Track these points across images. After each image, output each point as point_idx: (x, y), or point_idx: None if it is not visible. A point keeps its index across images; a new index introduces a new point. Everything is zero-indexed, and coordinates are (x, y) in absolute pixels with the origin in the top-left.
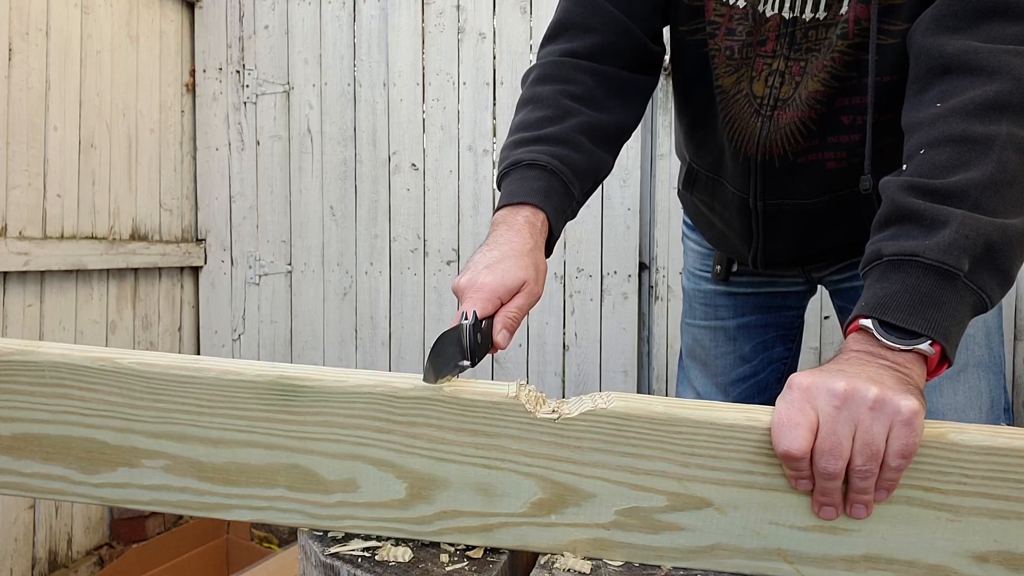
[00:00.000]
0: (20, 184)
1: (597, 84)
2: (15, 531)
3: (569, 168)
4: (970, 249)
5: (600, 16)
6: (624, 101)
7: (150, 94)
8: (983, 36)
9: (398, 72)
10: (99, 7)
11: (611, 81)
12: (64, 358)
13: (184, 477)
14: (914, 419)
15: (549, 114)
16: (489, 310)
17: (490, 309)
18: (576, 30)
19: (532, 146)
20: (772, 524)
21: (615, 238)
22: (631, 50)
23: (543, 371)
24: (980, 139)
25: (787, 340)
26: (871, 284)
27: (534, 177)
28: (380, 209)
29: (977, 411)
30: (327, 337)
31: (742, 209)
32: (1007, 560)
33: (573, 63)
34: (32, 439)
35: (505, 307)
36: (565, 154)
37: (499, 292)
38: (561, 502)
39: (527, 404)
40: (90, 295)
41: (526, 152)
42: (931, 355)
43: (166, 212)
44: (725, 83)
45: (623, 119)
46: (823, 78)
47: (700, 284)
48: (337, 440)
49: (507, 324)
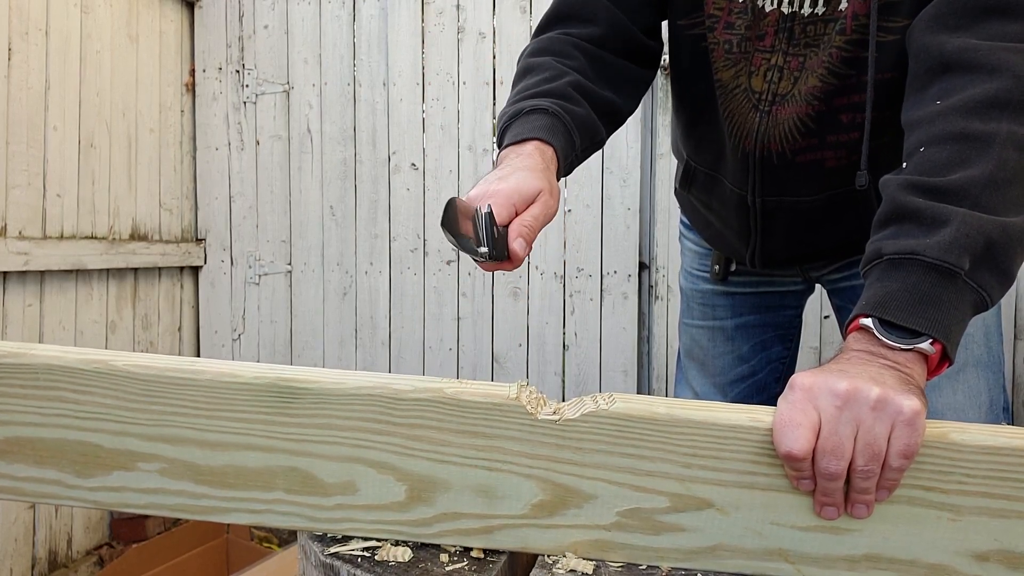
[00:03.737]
0: (20, 184)
1: (591, 63)
2: (15, 531)
3: (570, 116)
4: (970, 247)
5: (593, 8)
6: (616, 85)
7: (150, 94)
8: (983, 34)
9: (398, 72)
10: (99, 7)
11: (604, 64)
12: (58, 360)
13: (181, 480)
14: (916, 419)
15: (547, 76)
16: (504, 216)
17: (504, 216)
18: (570, 20)
19: (532, 99)
20: (773, 524)
21: (615, 238)
22: (624, 42)
23: (543, 371)
24: (980, 137)
25: (785, 340)
26: (871, 283)
27: (537, 119)
28: (380, 209)
29: (976, 410)
30: (327, 337)
31: (740, 206)
32: (1008, 559)
33: (568, 39)
34: (25, 443)
35: (521, 216)
36: (566, 105)
37: (513, 198)
38: (562, 504)
39: (528, 405)
40: (90, 295)
41: (527, 103)
42: (932, 354)
43: (166, 212)
44: (724, 77)
45: (614, 99)
46: (821, 74)
47: (698, 284)
48: (336, 442)
49: (523, 233)
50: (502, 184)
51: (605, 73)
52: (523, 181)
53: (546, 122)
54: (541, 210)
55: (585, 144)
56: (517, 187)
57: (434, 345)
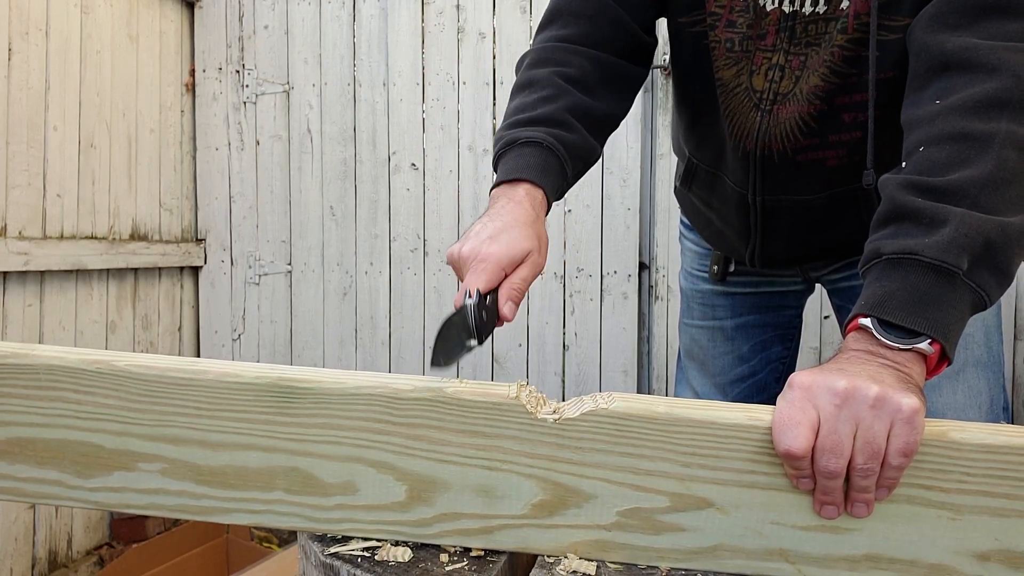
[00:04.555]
0: (20, 184)
1: (592, 68)
2: (15, 531)
3: (564, 147)
4: (969, 247)
5: (593, 4)
6: (615, 88)
7: (150, 94)
8: (983, 33)
9: (398, 72)
10: (99, 7)
11: (604, 67)
12: (59, 361)
13: (181, 481)
14: (915, 417)
15: (545, 95)
16: (493, 282)
17: (494, 281)
18: (569, 17)
19: (528, 127)
20: (774, 524)
21: (615, 238)
22: (623, 38)
23: (543, 371)
24: (979, 136)
25: (785, 340)
26: (870, 283)
27: (531, 154)
28: (380, 209)
29: (976, 410)
30: (327, 337)
31: (740, 205)
32: (1008, 559)
33: (567, 47)
34: (26, 443)
35: (509, 279)
36: (560, 134)
37: (503, 263)
38: (562, 503)
39: (528, 405)
40: (90, 295)
41: (522, 131)
42: (930, 354)
43: (166, 212)
44: (725, 76)
45: (613, 107)
46: (823, 73)
47: (697, 284)
48: (336, 442)
49: (512, 296)
50: (493, 247)
51: (605, 76)
52: (513, 243)
53: (539, 160)
54: (530, 271)
55: (578, 170)
56: (507, 251)
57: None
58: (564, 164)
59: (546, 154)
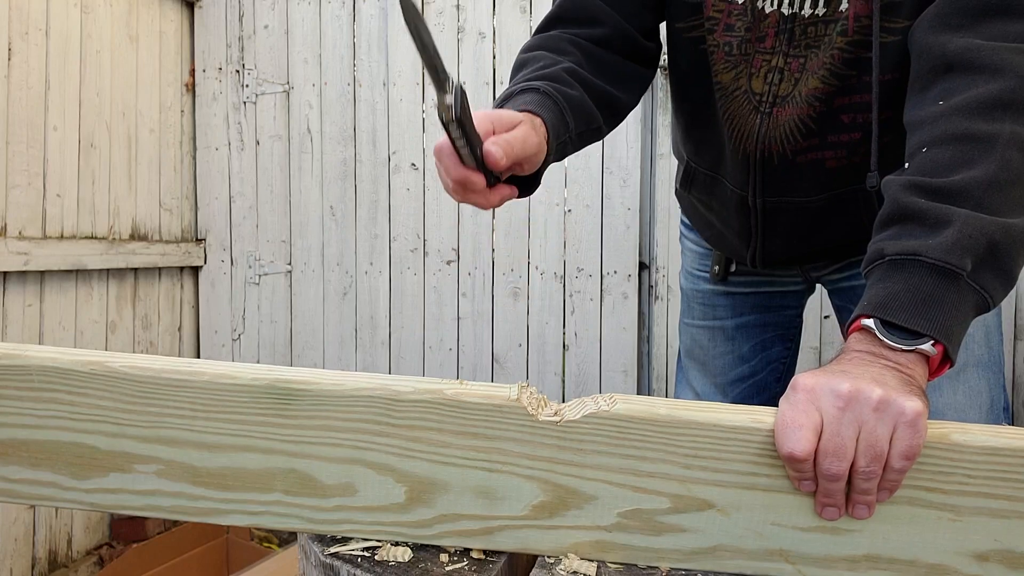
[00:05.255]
0: (20, 184)
1: (587, 59)
2: (15, 531)
3: (562, 96)
4: (973, 249)
5: (592, 10)
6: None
7: (150, 94)
8: (986, 34)
9: (398, 72)
10: (99, 7)
11: (601, 60)
12: (53, 362)
13: (178, 482)
14: (918, 420)
15: (541, 65)
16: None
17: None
18: (570, 22)
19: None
20: (774, 525)
21: (615, 238)
22: (623, 43)
23: (543, 371)
24: (983, 138)
25: (786, 340)
26: (873, 284)
27: (527, 96)
28: (380, 209)
29: (977, 410)
30: (327, 337)
31: (741, 207)
32: (1008, 559)
33: (566, 37)
34: (20, 445)
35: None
36: (558, 86)
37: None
38: (563, 505)
39: (528, 407)
40: (90, 295)
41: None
42: (933, 355)
43: (166, 212)
44: (724, 79)
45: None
46: (822, 75)
47: (698, 284)
48: (335, 444)
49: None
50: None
51: (602, 68)
52: (503, 112)
53: (536, 98)
54: (520, 133)
55: (580, 128)
56: (498, 113)
57: (434, 345)
58: (563, 111)
59: (543, 97)
